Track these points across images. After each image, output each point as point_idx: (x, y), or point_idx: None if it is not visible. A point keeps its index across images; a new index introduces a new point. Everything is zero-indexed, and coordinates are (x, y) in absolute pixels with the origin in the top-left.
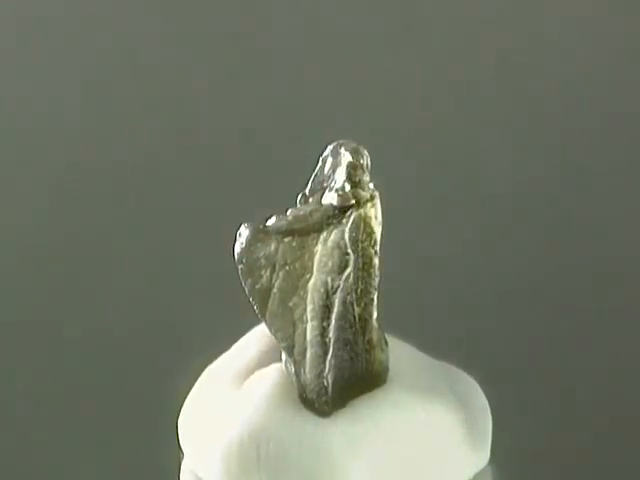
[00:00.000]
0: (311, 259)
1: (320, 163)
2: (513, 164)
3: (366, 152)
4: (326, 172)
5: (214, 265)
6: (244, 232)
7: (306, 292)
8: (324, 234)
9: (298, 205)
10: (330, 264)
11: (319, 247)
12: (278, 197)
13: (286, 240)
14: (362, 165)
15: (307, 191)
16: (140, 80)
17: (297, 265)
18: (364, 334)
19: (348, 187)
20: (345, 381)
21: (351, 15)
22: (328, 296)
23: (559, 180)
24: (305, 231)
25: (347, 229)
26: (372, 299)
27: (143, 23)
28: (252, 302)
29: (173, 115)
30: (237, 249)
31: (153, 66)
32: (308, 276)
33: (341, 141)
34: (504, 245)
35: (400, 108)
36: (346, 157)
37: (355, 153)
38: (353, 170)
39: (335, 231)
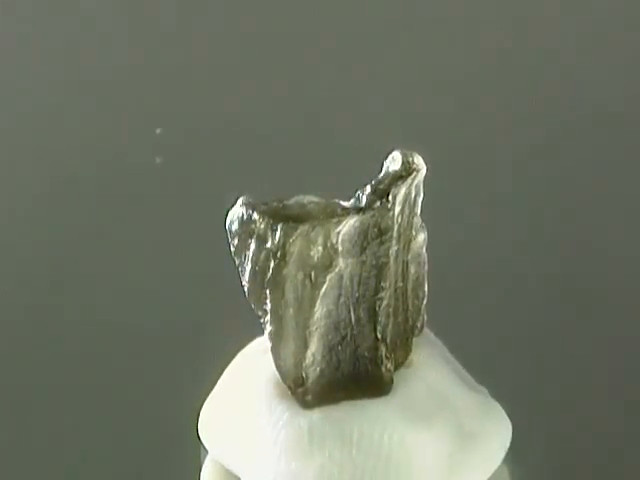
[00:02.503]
0: (286, 248)
1: (384, 167)
2: (514, 163)
3: (421, 169)
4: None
5: None
6: (238, 202)
7: (283, 279)
8: (306, 227)
9: None
10: (315, 259)
11: (298, 239)
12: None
13: (265, 220)
14: (398, 176)
15: None
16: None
17: (274, 249)
18: (364, 340)
19: (368, 191)
20: (337, 380)
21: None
22: (310, 290)
23: (562, 179)
24: (285, 218)
25: (342, 231)
26: (374, 308)
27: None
28: (239, 272)
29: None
30: (228, 217)
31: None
32: (282, 263)
33: (404, 150)
34: (505, 243)
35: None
36: (393, 166)
37: (403, 164)
38: (386, 178)
39: (320, 228)
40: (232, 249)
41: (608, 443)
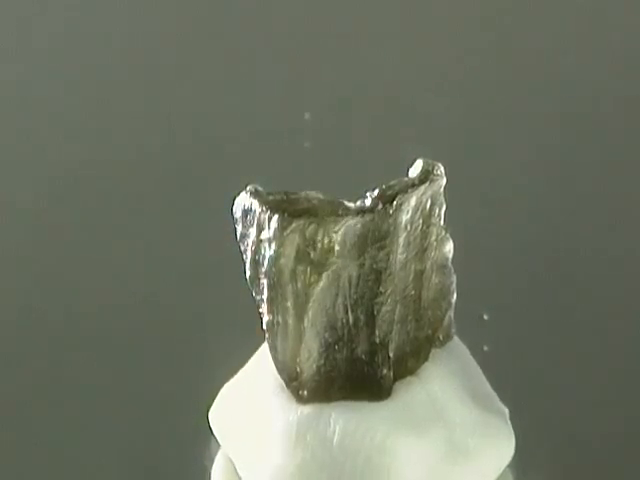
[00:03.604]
0: (282, 240)
1: (409, 173)
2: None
3: (438, 179)
4: None
5: None
6: (246, 189)
7: (279, 271)
8: (301, 222)
9: None
10: (312, 255)
11: (293, 233)
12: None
13: (265, 211)
14: (411, 184)
15: None
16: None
17: (270, 240)
18: (362, 342)
19: (375, 194)
20: (334, 379)
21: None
22: (306, 285)
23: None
24: (283, 211)
25: (340, 230)
26: (372, 312)
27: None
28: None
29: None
30: (235, 202)
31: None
32: (278, 256)
33: (427, 159)
34: (506, 244)
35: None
36: (414, 173)
37: (421, 172)
38: (398, 184)
39: (317, 225)
40: (237, 235)
41: (608, 446)
